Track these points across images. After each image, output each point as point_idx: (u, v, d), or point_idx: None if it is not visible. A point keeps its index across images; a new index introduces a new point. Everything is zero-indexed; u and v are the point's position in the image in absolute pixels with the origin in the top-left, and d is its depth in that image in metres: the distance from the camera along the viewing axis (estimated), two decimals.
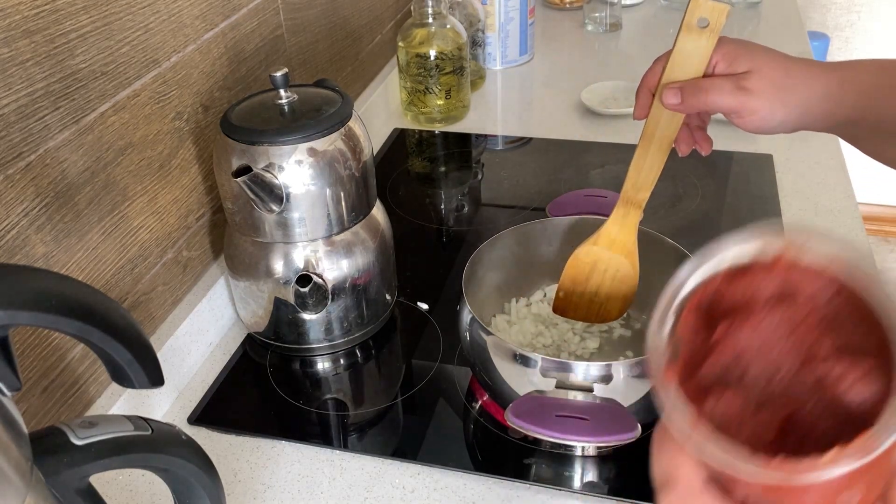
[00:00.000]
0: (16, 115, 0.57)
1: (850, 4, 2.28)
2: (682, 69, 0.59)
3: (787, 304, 0.32)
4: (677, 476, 0.30)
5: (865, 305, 0.30)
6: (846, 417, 0.30)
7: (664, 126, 0.61)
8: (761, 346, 0.32)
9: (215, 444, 0.71)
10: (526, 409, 0.61)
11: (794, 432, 0.31)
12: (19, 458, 0.34)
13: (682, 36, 0.58)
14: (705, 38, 0.57)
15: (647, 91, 0.61)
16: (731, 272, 0.33)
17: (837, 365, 0.31)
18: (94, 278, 0.67)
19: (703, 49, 0.58)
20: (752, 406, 0.32)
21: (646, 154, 0.63)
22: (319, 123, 0.71)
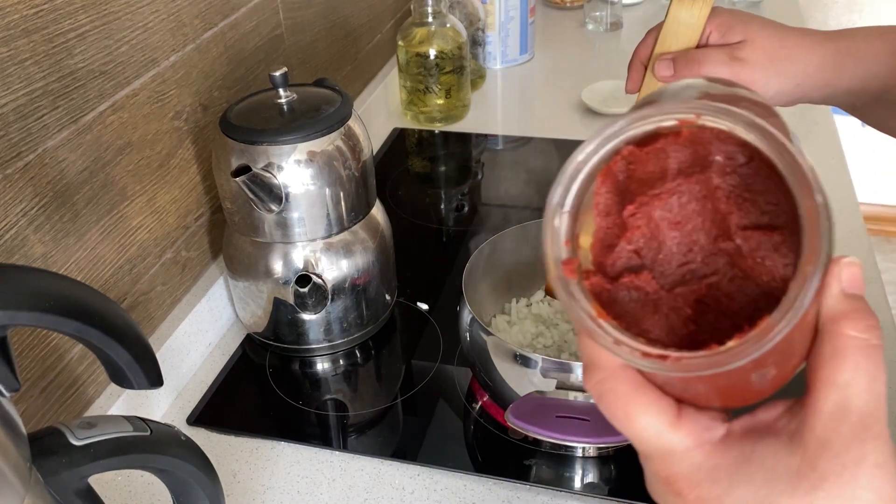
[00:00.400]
0: (14, 114, 0.57)
1: (850, 4, 2.28)
2: (675, 40, 0.57)
3: (697, 175, 0.31)
4: (596, 358, 0.31)
5: (776, 171, 0.28)
6: (759, 293, 0.30)
7: None
8: (673, 221, 0.31)
9: (214, 445, 0.71)
10: (526, 410, 0.61)
11: (710, 310, 0.31)
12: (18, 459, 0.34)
13: (675, 5, 0.56)
14: (698, 6, 0.56)
15: (638, 63, 0.60)
16: (639, 141, 0.31)
17: (749, 239, 0.30)
18: (93, 278, 0.67)
19: (697, 18, 0.56)
20: (667, 285, 0.31)
21: None
22: (319, 123, 0.71)
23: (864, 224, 0.93)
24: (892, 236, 2.54)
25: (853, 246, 0.90)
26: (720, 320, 0.31)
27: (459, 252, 0.95)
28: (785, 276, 0.29)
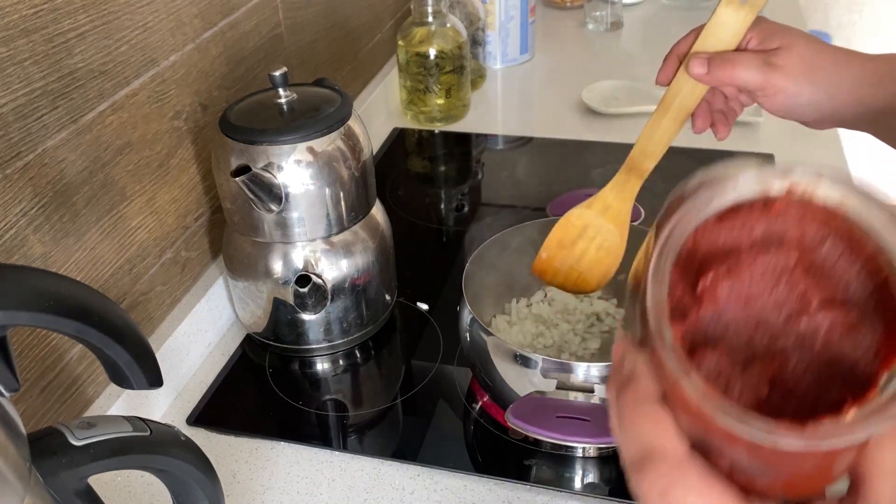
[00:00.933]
0: (14, 114, 0.56)
1: (851, 4, 2.28)
2: (715, 40, 0.58)
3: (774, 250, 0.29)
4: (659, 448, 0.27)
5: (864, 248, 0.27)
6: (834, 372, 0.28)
7: (685, 95, 0.59)
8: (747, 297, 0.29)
9: (214, 445, 0.71)
10: (526, 410, 0.61)
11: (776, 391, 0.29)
12: (17, 459, 0.34)
13: (722, 7, 0.56)
14: (745, 11, 0.56)
15: (675, 58, 0.60)
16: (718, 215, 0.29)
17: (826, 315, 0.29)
18: (93, 278, 0.67)
19: (741, 23, 0.56)
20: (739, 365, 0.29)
21: (660, 121, 0.61)
22: (319, 123, 0.71)
23: None
24: None
25: None
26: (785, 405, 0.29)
27: (459, 252, 0.95)
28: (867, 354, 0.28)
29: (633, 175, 0.63)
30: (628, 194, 0.64)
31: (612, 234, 0.66)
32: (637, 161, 0.62)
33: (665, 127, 0.60)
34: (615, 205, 0.65)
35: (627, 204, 0.65)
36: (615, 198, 0.65)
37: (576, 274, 0.68)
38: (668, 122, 0.60)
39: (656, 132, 0.61)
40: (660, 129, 0.60)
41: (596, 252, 0.67)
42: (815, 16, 2.32)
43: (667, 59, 0.61)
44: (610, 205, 0.65)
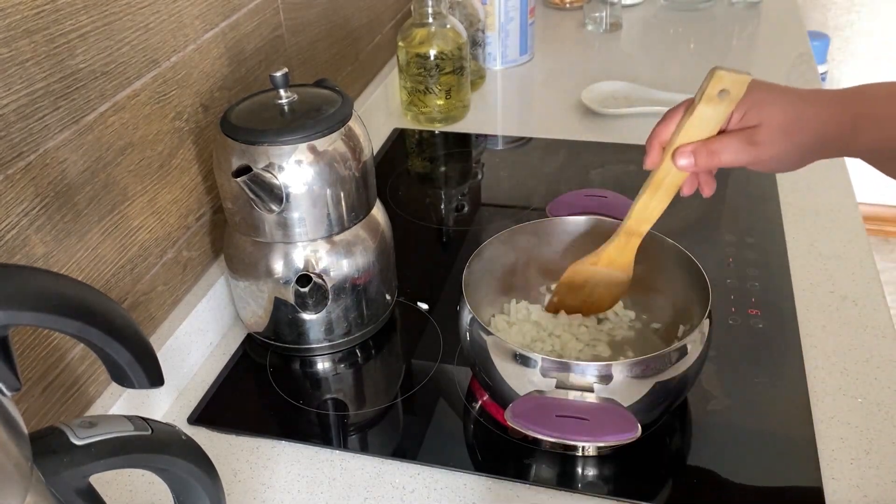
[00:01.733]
0: (15, 115, 0.57)
1: (850, 4, 2.28)
2: (697, 132, 0.61)
3: None
4: None
5: None
6: None
7: (673, 176, 0.63)
8: None
9: (215, 444, 0.71)
10: (526, 410, 0.61)
11: None
12: (19, 458, 0.34)
13: (702, 105, 0.59)
14: (724, 105, 0.59)
15: (658, 144, 0.63)
16: None
17: None
18: (94, 278, 0.67)
19: (721, 115, 0.60)
20: None
21: (652, 197, 0.66)
22: (319, 123, 0.71)
23: (862, 224, 0.94)
24: (890, 236, 2.54)
25: (852, 245, 0.90)
26: None
27: (459, 252, 0.95)
28: None
29: (633, 237, 0.69)
30: (630, 249, 0.70)
31: (619, 276, 0.73)
32: (633, 227, 0.68)
33: (657, 201, 0.66)
34: (620, 259, 0.71)
35: (631, 255, 0.71)
36: (619, 254, 0.71)
37: (588, 304, 0.76)
38: (659, 197, 0.65)
39: (649, 205, 0.66)
40: (652, 203, 0.66)
41: (605, 288, 0.74)
42: (814, 16, 2.32)
43: (650, 146, 0.64)
44: (614, 259, 0.71)
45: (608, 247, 0.70)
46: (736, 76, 0.58)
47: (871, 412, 0.69)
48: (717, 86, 0.58)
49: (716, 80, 0.58)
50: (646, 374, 0.61)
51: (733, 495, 0.63)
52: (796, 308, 0.81)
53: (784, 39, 1.45)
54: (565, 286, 0.74)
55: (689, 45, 1.47)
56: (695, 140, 0.61)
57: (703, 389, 0.72)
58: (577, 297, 0.75)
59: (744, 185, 1.03)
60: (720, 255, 0.89)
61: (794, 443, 0.67)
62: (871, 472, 0.64)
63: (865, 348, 0.76)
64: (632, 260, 0.71)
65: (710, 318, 0.65)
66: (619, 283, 0.73)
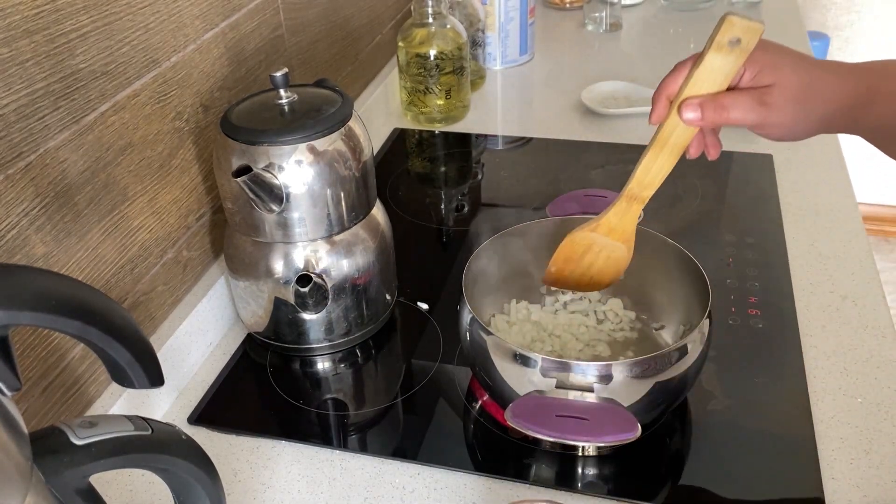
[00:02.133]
0: (16, 115, 0.57)
1: (849, 4, 2.28)
2: (706, 84, 0.58)
3: None
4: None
5: None
6: None
7: (679, 133, 0.60)
8: None
9: (215, 444, 0.71)
10: (526, 410, 0.61)
11: None
12: (19, 458, 0.34)
13: (711, 54, 0.56)
14: (734, 55, 0.56)
15: (665, 98, 0.60)
16: None
17: None
18: (94, 278, 0.67)
19: (731, 66, 0.56)
20: None
21: (656, 157, 0.62)
22: (319, 123, 0.71)
23: (862, 224, 0.94)
24: (890, 236, 2.54)
25: (852, 245, 0.90)
26: None
27: (459, 252, 0.95)
28: None
29: (633, 202, 0.65)
30: (631, 216, 0.66)
31: (619, 249, 0.68)
32: (636, 191, 0.64)
33: (662, 161, 0.62)
34: (620, 226, 0.67)
35: (632, 224, 0.67)
36: (619, 220, 0.67)
37: (587, 279, 0.72)
38: (664, 157, 0.62)
39: (653, 166, 0.62)
40: (656, 163, 0.62)
41: (605, 261, 0.70)
42: (814, 16, 2.32)
43: (656, 99, 0.61)
44: (615, 227, 0.67)
45: (608, 212, 0.67)
46: (749, 23, 0.54)
47: (871, 412, 0.69)
48: (728, 33, 0.55)
49: (727, 27, 0.54)
50: (646, 374, 0.61)
51: (733, 495, 0.63)
52: (796, 308, 0.81)
53: (784, 39, 1.44)
54: (563, 256, 0.71)
55: (689, 45, 1.47)
56: (703, 93, 0.58)
57: (703, 389, 0.72)
58: (576, 268, 0.71)
59: (744, 185, 1.03)
60: (720, 255, 0.90)
61: (794, 443, 0.67)
62: (871, 472, 0.64)
63: (865, 348, 0.76)
64: (633, 230, 0.68)
65: (710, 318, 0.65)
66: (619, 256, 0.69)
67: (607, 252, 0.69)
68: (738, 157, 1.08)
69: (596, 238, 0.69)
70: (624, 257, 0.69)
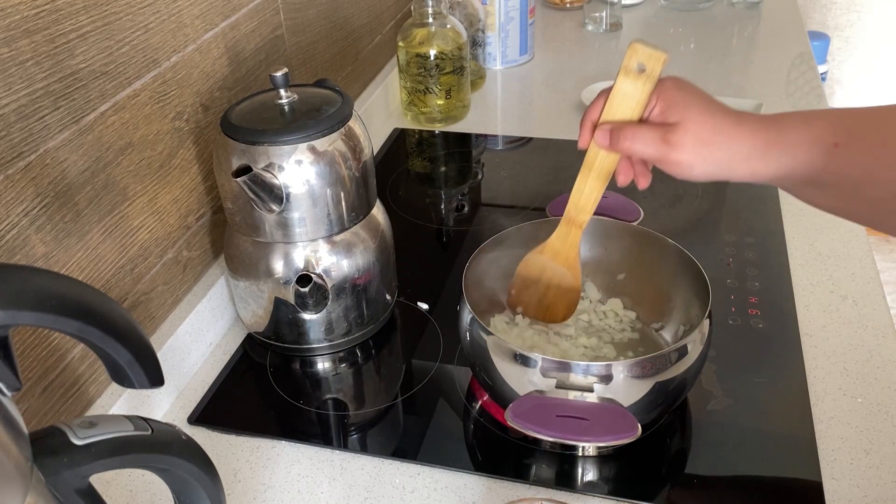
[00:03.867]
0: (16, 114, 0.57)
1: (850, 4, 2.28)
2: (620, 109, 0.61)
3: None
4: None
5: None
6: None
7: (603, 158, 0.63)
8: None
9: (215, 444, 0.71)
10: (526, 410, 0.61)
11: None
12: (19, 458, 0.34)
13: (621, 78, 0.60)
14: (641, 82, 0.59)
15: (589, 123, 0.63)
16: None
17: None
18: (94, 278, 0.67)
19: (640, 93, 0.59)
20: None
21: (585, 181, 0.65)
22: (319, 123, 0.71)
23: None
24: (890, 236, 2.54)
25: (852, 245, 0.90)
26: None
27: (459, 252, 0.95)
28: None
29: (572, 226, 0.69)
30: (572, 241, 0.70)
31: (566, 276, 0.72)
32: (572, 216, 0.68)
33: (591, 186, 0.65)
34: (563, 251, 0.71)
35: (574, 250, 0.70)
36: (562, 244, 0.71)
37: (544, 307, 0.75)
38: (592, 181, 0.65)
39: (584, 190, 0.66)
40: (587, 187, 0.66)
41: (556, 289, 0.73)
42: (814, 16, 2.32)
43: (583, 125, 0.64)
44: (558, 251, 0.71)
45: (551, 236, 0.70)
46: (651, 51, 0.58)
47: (871, 412, 0.69)
48: (633, 58, 0.58)
49: (630, 52, 0.58)
50: (646, 374, 0.61)
51: (733, 495, 0.63)
52: (796, 308, 0.81)
53: (784, 39, 1.45)
54: (520, 279, 0.74)
55: (689, 45, 1.47)
56: (617, 118, 0.61)
57: (703, 389, 0.72)
58: (535, 292, 0.74)
59: (744, 185, 1.03)
60: (720, 255, 0.90)
61: (794, 443, 0.67)
62: (871, 472, 0.64)
63: (865, 348, 0.76)
64: (576, 256, 0.70)
65: (710, 318, 0.65)
66: (569, 288, 0.72)
67: (557, 279, 0.73)
68: None
69: (545, 261, 0.72)
70: (572, 288, 0.73)
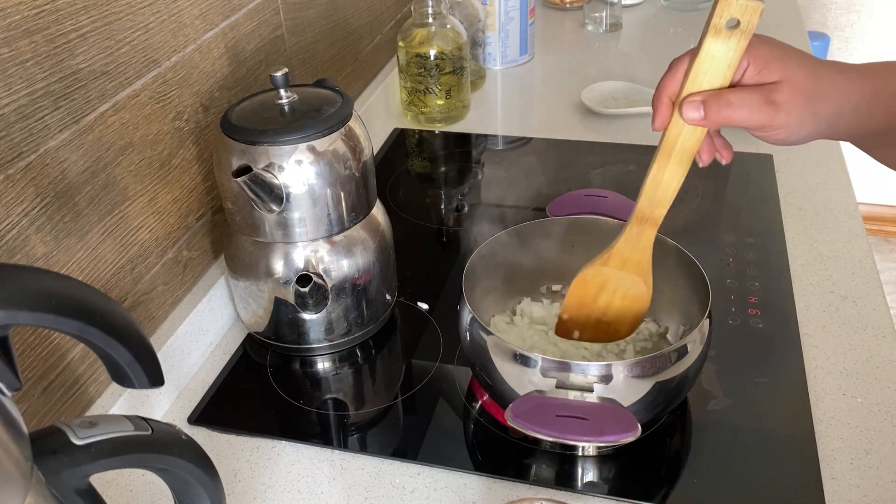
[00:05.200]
0: (16, 115, 0.57)
1: (850, 4, 2.28)
2: (708, 77, 0.52)
3: None
4: None
5: None
6: None
7: (686, 137, 0.54)
8: None
9: (215, 444, 0.71)
10: (526, 409, 0.61)
11: None
12: (19, 458, 0.34)
13: (709, 39, 0.50)
14: (735, 39, 0.50)
15: (666, 99, 0.55)
16: None
17: None
18: (94, 278, 0.67)
19: (733, 53, 0.51)
20: None
21: (664, 168, 0.56)
22: (319, 123, 0.71)
23: (862, 224, 0.94)
24: (890, 236, 2.54)
25: (852, 245, 0.90)
26: None
27: (459, 252, 0.95)
28: None
29: (646, 226, 0.60)
30: (645, 244, 0.61)
31: (637, 284, 0.63)
32: (646, 211, 0.58)
33: (671, 172, 0.56)
34: (633, 257, 0.62)
35: (646, 253, 0.62)
36: (632, 250, 0.62)
37: (604, 325, 0.66)
38: (672, 167, 0.56)
39: (662, 179, 0.56)
40: (665, 175, 0.56)
41: (622, 301, 0.65)
42: (814, 16, 2.32)
43: (657, 102, 0.55)
44: (628, 258, 0.62)
45: (618, 241, 0.61)
46: (747, 2, 0.49)
47: (871, 412, 0.69)
48: (725, 12, 0.49)
49: (723, 5, 0.49)
50: (646, 374, 0.61)
51: (733, 495, 0.63)
52: (796, 308, 0.81)
53: (784, 39, 1.44)
54: (575, 300, 0.65)
55: (690, 45, 1.47)
56: (705, 88, 0.52)
57: (703, 389, 0.72)
58: (591, 313, 0.66)
59: (744, 185, 1.03)
60: (720, 255, 0.90)
61: (794, 443, 0.67)
62: (871, 472, 0.64)
63: (865, 348, 0.76)
64: (648, 259, 0.62)
65: (710, 318, 0.65)
66: (637, 294, 0.63)
67: (623, 290, 0.64)
68: (738, 157, 1.07)
69: (609, 273, 0.63)
70: (643, 295, 0.63)
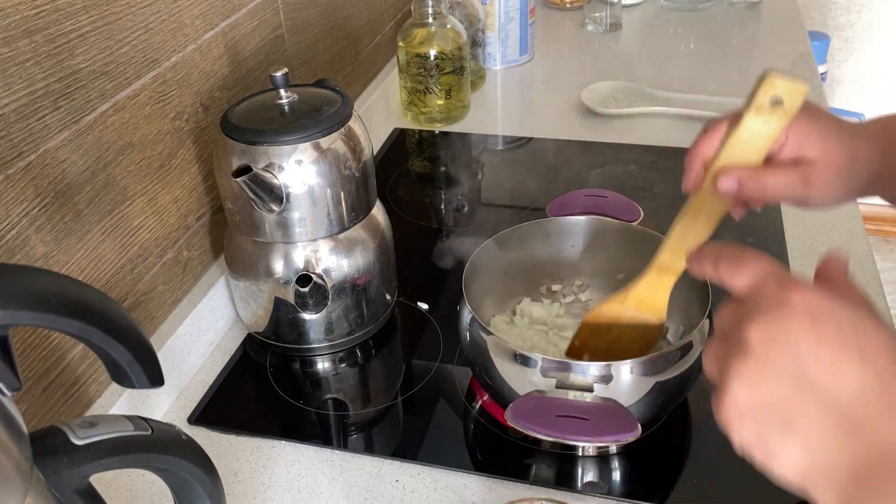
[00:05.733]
0: (16, 114, 0.57)
1: (850, 4, 2.28)
2: (745, 150, 0.52)
3: None
4: None
5: None
6: None
7: (716, 202, 0.54)
8: None
9: (215, 444, 0.71)
10: (526, 409, 0.61)
11: None
12: (19, 458, 0.34)
13: (752, 115, 0.50)
14: (776, 118, 0.50)
15: (699, 162, 0.54)
16: None
17: None
18: (94, 278, 0.67)
19: (772, 131, 0.50)
20: None
21: (690, 226, 0.56)
22: (319, 123, 0.71)
23: (862, 224, 0.94)
24: (890, 236, 2.54)
25: (852, 246, 0.90)
26: None
27: (459, 252, 0.95)
28: None
29: (665, 274, 0.60)
30: (663, 289, 0.62)
31: (650, 319, 0.64)
32: (668, 262, 0.59)
33: (697, 231, 0.56)
34: (651, 299, 0.63)
35: (664, 296, 0.62)
36: (650, 294, 0.63)
37: (614, 353, 0.67)
38: (699, 226, 0.56)
39: (688, 236, 0.57)
40: (691, 233, 0.56)
41: (633, 332, 0.66)
42: (814, 16, 2.32)
43: (690, 164, 0.55)
44: (644, 299, 0.63)
45: (638, 283, 0.62)
46: (792, 84, 0.48)
47: None
48: (769, 92, 0.49)
49: (767, 86, 0.49)
50: (646, 373, 0.61)
51: (733, 495, 0.63)
52: None
53: (784, 39, 1.45)
54: (588, 328, 0.67)
55: (689, 45, 1.47)
56: (740, 160, 0.52)
57: (703, 389, 0.72)
58: (602, 342, 0.67)
59: None
60: None
61: None
62: None
63: None
64: (665, 302, 0.62)
65: (710, 318, 0.65)
66: (649, 327, 0.64)
67: (636, 324, 0.65)
68: None
69: (624, 311, 0.64)
70: (654, 328, 0.65)
